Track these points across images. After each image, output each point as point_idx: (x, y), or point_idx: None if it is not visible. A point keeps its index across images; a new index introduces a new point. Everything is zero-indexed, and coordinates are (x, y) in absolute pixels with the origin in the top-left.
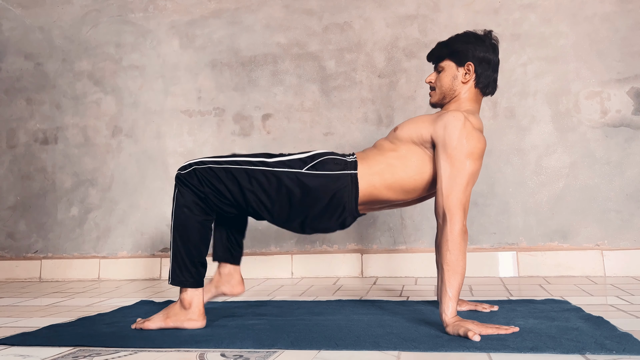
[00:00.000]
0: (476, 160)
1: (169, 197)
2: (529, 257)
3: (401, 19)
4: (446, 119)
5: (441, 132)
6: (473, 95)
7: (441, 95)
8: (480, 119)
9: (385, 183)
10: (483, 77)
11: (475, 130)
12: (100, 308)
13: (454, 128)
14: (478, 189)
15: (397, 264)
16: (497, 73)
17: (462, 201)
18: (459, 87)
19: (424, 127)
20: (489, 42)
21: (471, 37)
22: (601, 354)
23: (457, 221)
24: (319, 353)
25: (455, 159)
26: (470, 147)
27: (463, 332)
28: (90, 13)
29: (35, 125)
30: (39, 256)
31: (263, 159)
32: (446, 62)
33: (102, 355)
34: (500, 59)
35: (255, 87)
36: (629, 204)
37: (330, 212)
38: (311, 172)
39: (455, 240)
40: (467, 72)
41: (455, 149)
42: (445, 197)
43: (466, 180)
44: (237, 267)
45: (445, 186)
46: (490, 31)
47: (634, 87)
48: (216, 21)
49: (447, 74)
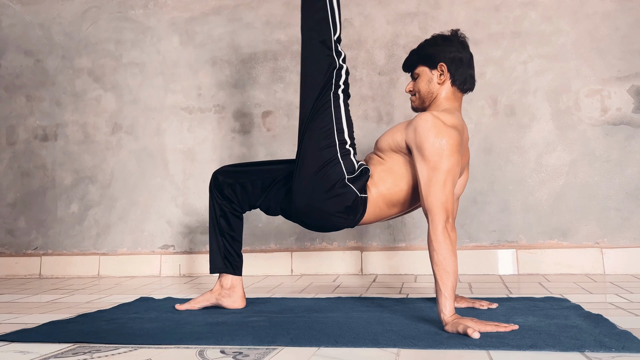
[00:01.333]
0: (450, 156)
1: (169, 194)
2: (528, 255)
3: (401, 16)
4: (415, 122)
5: (412, 135)
6: (450, 94)
7: (421, 100)
8: (459, 116)
9: (385, 200)
10: (457, 74)
11: (445, 127)
12: (100, 305)
13: (423, 129)
14: (478, 186)
15: (396, 261)
16: (472, 69)
17: (442, 200)
18: (436, 88)
19: (399, 134)
20: (457, 40)
21: (439, 39)
22: (600, 352)
23: (438, 221)
24: (318, 350)
25: (429, 159)
26: (441, 145)
27: (462, 330)
28: (90, 10)
29: (35, 122)
30: (38, 253)
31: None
32: (420, 68)
33: (102, 351)
34: (498, 56)
35: (255, 84)
36: (628, 202)
37: (329, 219)
38: (348, 183)
39: (439, 240)
40: (442, 73)
41: (427, 150)
42: (425, 199)
43: (443, 178)
44: (239, 278)
45: (424, 187)
46: (456, 30)
47: (634, 85)
48: (216, 18)
49: (423, 78)
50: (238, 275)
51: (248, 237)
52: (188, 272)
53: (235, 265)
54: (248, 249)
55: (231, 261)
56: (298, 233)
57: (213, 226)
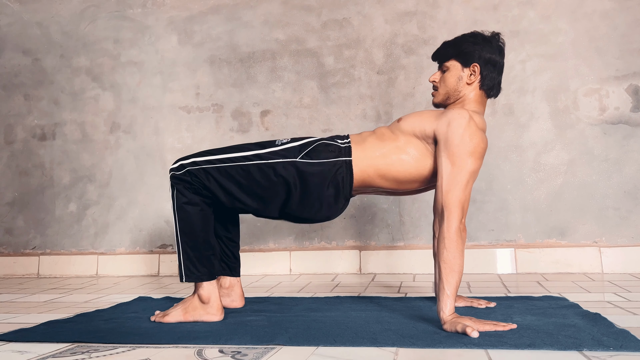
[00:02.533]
0: (477, 159)
1: (167, 193)
2: (526, 254)
3: (400, 15)
4: (450, 116)
5: (444, 128)
6: (478, 97)
7: (445, 95)
8: (485, 121)
9: (379, 172)
10: (488, 79)
11: (478, 129)
12: (98, 304)
13: (458, 126)
14: (476, 185)
15: (395, 260)
16: (502, 76)
17: (461, 199)
18: (463, 88)
19: (428, 122)
20: (496, 44)
21: (479, 38)
22: (598, 351)
23: (454, 219)
24: (317, 349)
25: (457, 156)
26: (472, 145)
27: (461, 329)
28: (89, 9)
29: (33, 121)
30: (37, 252)
31: (257, 152)
32: (452, 62)
33: (100, 351)
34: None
35: (253, 83)
36: (627, 201)
37: (323, 199)
38: (306, 160)
39: (452, 239)
40: (473, 74)
41: (457, 147)
42: (444, 195)
43: (466, 178)
44: (237, 279)
45: (446, 183)
46: (497, 33)
47: (632, 84)
48: (215, 17)
49: (452, 74)
50: (236, 277)
51: (246, 236)
52: None
53: (232, 266)
54: (246, 249)
55: (228, 263)
56: (297, 232)
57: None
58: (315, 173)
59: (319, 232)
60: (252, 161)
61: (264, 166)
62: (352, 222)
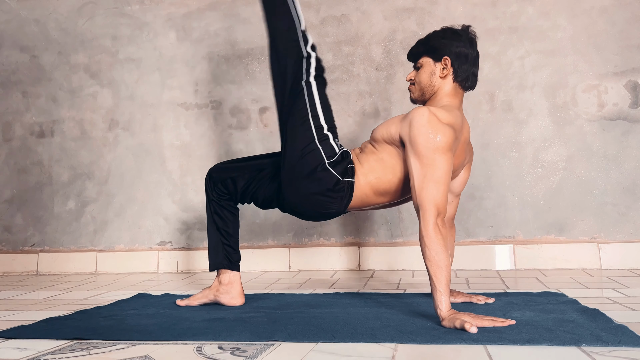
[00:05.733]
0: (444, 153)
1: (166, 190)
2: (525, 250)
3: (399, 11)
4: (411, 116)
5: (407, 129)
6: (452, 90)
7: (420, 91)
8: (457, 114)
9: (373, 189)
10: (461, 71)
11: (440, 124)
12: (97, 301)
13: (418, 124)
14: (475, 181)
15: (394, 257)
16: (477, 67)
17: (435, 197)
18: (437, 82)
19: (393, 127)
20: (466, 36)
21: (448, 33)
22: (597, 346)
23: (430, 217)
24: (316, 345)
25: (423, 155)
26: (436, 141)
27: (459, 325)
28: (86, 5)
29: (31, 119)
30: (35, 249)
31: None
32: (424, 58)
33: (100, 347)
34: (495, 51)
35: (252, 79)
36: (625, 197)
37: (317, 205)
38: (329, 167)
39: (430, 236)
40: (445, 67)
41: (421, 145)
42: (417, 194)
43: (437, 175)
44: (237, 274)
45: (417, 183)
46: (468, 26)
47: (631, 80)
48: (213, 13)
49: (425, 70)
50: (236, 271)
51: (245, 233)
52: (185, 268)
53: (233, 260)
54: (245, 245)
55: (229, 256)
56: (296, 229)
57: (210, 223)
58: (322, 178)
59: (318, 228)
60: None
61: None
62: (350, 219)
